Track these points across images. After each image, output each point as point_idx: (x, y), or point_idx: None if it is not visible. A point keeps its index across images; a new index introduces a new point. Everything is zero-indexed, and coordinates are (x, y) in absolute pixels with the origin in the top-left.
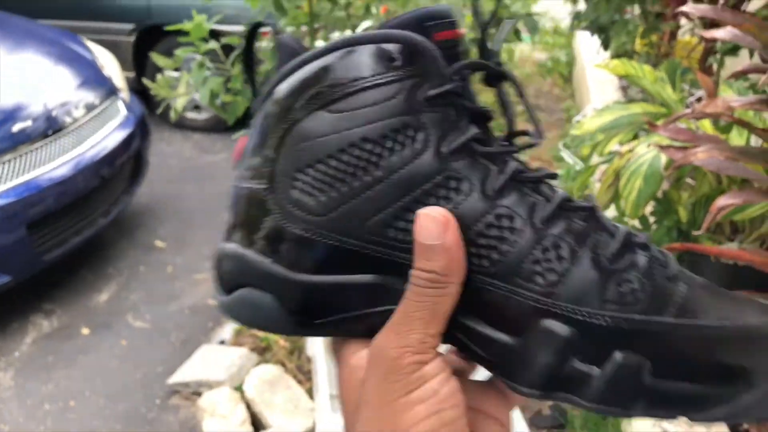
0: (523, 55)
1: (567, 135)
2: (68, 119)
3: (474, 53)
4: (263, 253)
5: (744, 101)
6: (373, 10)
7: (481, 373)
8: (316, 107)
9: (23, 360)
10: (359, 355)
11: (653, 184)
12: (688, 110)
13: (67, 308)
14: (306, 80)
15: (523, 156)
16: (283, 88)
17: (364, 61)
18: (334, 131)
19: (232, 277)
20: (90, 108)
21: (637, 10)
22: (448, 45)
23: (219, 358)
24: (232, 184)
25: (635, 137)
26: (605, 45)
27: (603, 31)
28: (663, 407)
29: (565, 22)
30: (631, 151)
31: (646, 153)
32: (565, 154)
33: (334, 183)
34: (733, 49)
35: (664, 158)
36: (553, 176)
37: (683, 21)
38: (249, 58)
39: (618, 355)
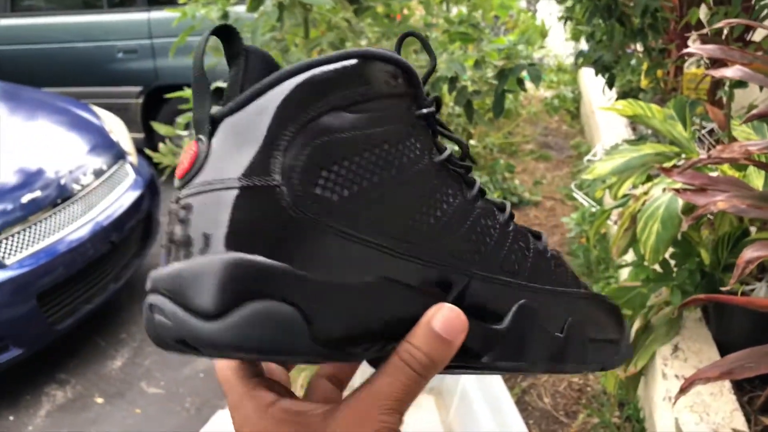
0: (528, 94)
1: (578, 172)
2: (77, 186)
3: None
4: (276, 257)
5: (762, 145)
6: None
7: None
8: (335, 107)
9: None
10: (263, 395)
11: (671, 228)
12: (704, 156)
13: (81, 377)
14: (321, 81)
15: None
16: (290, 87)
17: (377, 71)
18: (355, 129)
19: (230, 291)
20: (98, 174)
21: (639, 47)
22: None
23: None
24: (197, 192)
25: (649, 179)
26: (610, 84)
27: (607, 70)
28: (597, 354)
29: (569, 59)
30: (645, 193)
31: (662, 196)
32: (578, 195)
33: (356, 179)
34: (742, 83)
35: (680, 200)
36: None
37: None
38: (200, 67)
39: (569, 319)
